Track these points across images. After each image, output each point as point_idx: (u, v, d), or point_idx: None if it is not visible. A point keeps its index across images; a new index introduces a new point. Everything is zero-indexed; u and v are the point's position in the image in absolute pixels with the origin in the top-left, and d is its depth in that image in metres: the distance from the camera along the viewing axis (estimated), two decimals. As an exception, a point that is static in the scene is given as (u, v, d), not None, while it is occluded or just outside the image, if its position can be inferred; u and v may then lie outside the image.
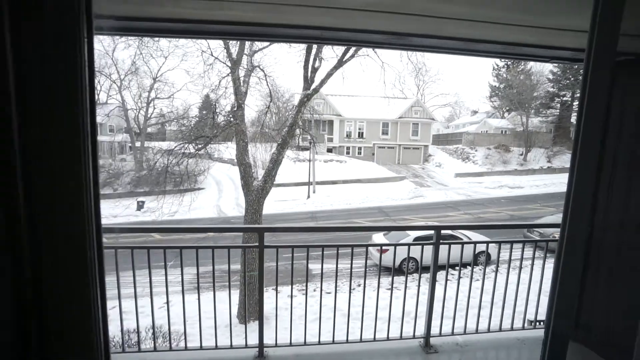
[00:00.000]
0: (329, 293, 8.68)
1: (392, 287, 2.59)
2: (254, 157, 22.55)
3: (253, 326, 2.73)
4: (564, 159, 30.04)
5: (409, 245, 2.54)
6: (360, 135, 32.41)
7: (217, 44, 8.25)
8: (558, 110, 33.69)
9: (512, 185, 25.12)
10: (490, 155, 31.17)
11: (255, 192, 7.74)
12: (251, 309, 6.98)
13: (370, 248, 6.24)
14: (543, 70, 33.59)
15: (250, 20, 2.06)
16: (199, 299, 2.39)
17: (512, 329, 2.79)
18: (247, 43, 8.51)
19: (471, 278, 2.75)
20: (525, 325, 2.85)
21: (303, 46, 8.68)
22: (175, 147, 8.49)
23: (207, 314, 2.70)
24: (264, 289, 2.35)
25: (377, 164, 29.54)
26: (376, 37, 2.17)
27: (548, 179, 26.53)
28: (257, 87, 9.39)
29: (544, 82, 33.71)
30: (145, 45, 9.24)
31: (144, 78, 24.66)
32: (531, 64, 33.28)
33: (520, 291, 2.84)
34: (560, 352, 0.71)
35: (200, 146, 8.88)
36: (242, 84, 8.45)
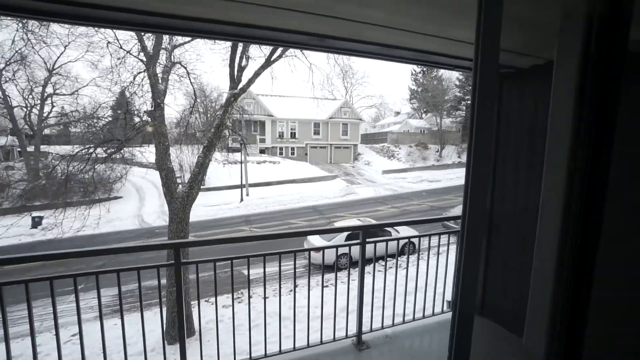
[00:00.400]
0: (267, 298, 8.50)
1: (322, 288, 2.60)
2: (180, 160, 20.82)
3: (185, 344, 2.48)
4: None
5: (337, 247, 2.59)
6: (293, 135, 32.54)
7: (127, 35, 7.34)
8: (464, 112, 38.66)
9: (431, 179, 27.97)
10: (412, 152, 34.24)
11: (180, 199, 7.14)
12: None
13: (307, 247, 6.30)
14: (451, 77, 38.27)
15: (160, 11, 1.84)
16: (102, 327, 2.05)
17: (433, 314, 3.05)
18: (165, 37, 7.80)
19: (396, 270, 2.92)
20: (445, 308, 3.15)
21: (228, 43, 8.30)
22: (78, 151, 7.33)
23: (124, 339, 2.36)
24: (192, 302, 2.13)
25: (310, 164, 30.02)
26: (298, 38, 2.14)
27: (459, 172, 30.26)
28: (177, 85, 8.65)
29: (452, 88, 38.40)
30: (30, 30, 7.71)
31: (35, 69, 20.50)
32: (442, 71, 37.52)
33: (440, 275, 3.12)
34: (467, 326, 0.75)
35: (112, 150, 7.84)
36: (160, 81, 7.70)
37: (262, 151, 30.89)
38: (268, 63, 8.19)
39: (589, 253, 0.60)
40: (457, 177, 28.58)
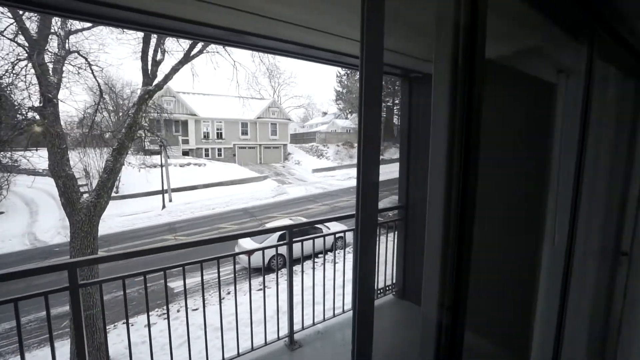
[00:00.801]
0: (195, 309, 7.98)
1: (250, 292, 2.52)
2: (85, 165, 18.00)
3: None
4: (391, 152, 37.87)
5: (263, 249, 2.53)
6: (219, 135, 30.99)
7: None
8: (384, 114, 41.90)
9: (357, 176, 29.62)
10: (339, 151, 35.75)
11: (84, 210, 6.18)
12: (92, 357, 5.57)
13: (238, 251, 6.05)
14: (372, 80, 41.06)
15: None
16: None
17: (362, 302, 3.20)
18: (55, 19, 6.63)
19: (324, 265, 3.01)
20: (376, 295, 3.33)
21: (139, 34, 7.46)
22: None
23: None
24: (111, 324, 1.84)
25: (239, 165, 29.02)
26: (216, 32, 2.03)
27: (382, 169, 32.56)
28: (75, 77, 7.44)
29: (373, 90, 41.24)
30: None
31: None
32: (363, 74, 39.95)
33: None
34: (368, 305, 0.80)
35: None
36: (51, 72, 6.52)
37: (185, 153, 28.71)
38: (187, 58, 7.62)
39: (466, 239, 0.70)
40: (380, 173, 30.86)
